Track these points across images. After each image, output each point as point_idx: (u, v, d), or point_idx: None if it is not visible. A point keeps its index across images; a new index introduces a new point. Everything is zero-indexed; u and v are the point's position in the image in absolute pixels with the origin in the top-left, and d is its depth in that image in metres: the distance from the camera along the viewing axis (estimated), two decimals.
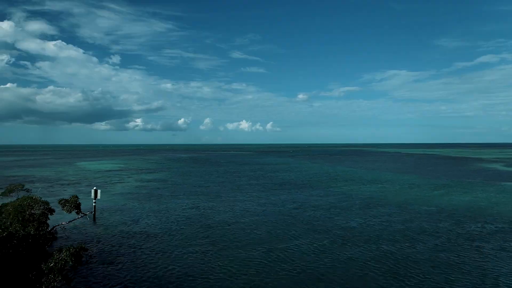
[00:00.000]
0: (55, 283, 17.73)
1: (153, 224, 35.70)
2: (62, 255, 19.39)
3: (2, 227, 15.30)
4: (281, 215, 39.36)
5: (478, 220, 36.19)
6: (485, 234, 31.19)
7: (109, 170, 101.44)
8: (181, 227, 34.43)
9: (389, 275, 21.90)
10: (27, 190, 36.84)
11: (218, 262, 24.22)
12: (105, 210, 41.89)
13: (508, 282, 20.64)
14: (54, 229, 28.27)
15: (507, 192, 55.00)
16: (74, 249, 20.38)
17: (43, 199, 25.60)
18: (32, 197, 21.59)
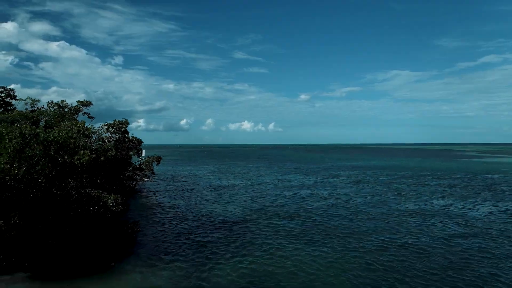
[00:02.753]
0: (147, 171, 31.09)
1: (191, 172, 47.96)
2: (150, 158, 32.22)
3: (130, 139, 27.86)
4: (288, 170, 51.62)
5: (434, 171, 48.36)
6: (434, 175, 43.37)
7: None
8: (215, 174, 46.71)
9: (359, 188, 34.10)
10: None
11: (250, 188, 36.45)
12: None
13: (437, 199, 32.86)
14: None
15: (462, 163, 67.36)
16: (156, 156, 33.35)
17: None
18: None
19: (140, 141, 30.96)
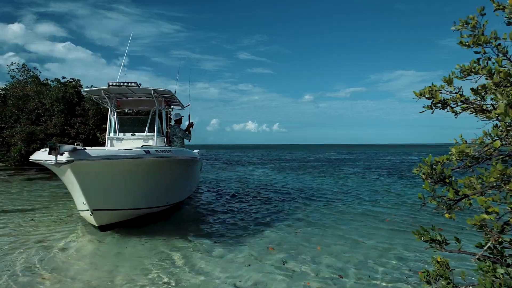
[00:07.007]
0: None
1: (209, 151, 55.87)
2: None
3: None
4: (292, 151, 59.31)
5: (418, 151, 55.72)
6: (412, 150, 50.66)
7: None
8: (229, 152, 54.52)
9: (354, 164, 41.57)
10: None
11: (260, 155, 44.10)
12: None
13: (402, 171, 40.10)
14: None
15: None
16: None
17: None
18: None
19: None
